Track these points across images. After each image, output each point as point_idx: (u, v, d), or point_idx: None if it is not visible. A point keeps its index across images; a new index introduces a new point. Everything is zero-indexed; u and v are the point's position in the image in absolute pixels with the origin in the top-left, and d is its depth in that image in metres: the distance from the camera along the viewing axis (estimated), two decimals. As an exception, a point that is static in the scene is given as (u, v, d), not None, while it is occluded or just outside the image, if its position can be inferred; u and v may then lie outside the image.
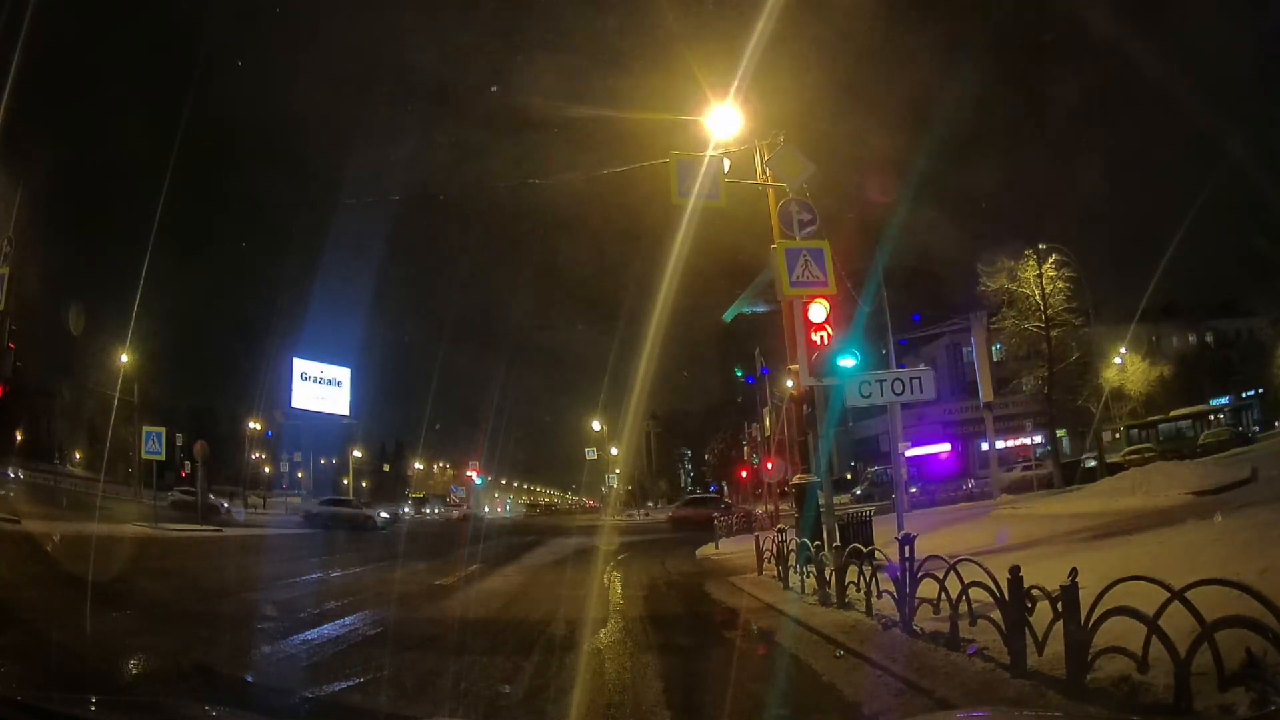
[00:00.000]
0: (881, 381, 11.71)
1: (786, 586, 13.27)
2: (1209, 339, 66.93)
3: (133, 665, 7.97)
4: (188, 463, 65.21)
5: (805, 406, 15.99)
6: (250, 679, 7.72)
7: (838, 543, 13.73)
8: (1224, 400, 60.98)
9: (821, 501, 15.56)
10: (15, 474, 48.32)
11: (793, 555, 14.03)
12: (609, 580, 17.00)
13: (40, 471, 53.08)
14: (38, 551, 16.13)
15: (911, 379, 11.73)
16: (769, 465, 49.28)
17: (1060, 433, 63.38)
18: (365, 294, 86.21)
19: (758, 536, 17.00)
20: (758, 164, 17.13)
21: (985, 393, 34.11)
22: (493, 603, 13.19)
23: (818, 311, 14.88)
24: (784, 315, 16.59)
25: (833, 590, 10.93)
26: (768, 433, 36.01)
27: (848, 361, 14.33)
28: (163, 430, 32.31)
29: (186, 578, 15.84)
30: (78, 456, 65.42)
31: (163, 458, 32.83)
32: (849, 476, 68.63)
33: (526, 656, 8.63)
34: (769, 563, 15.68)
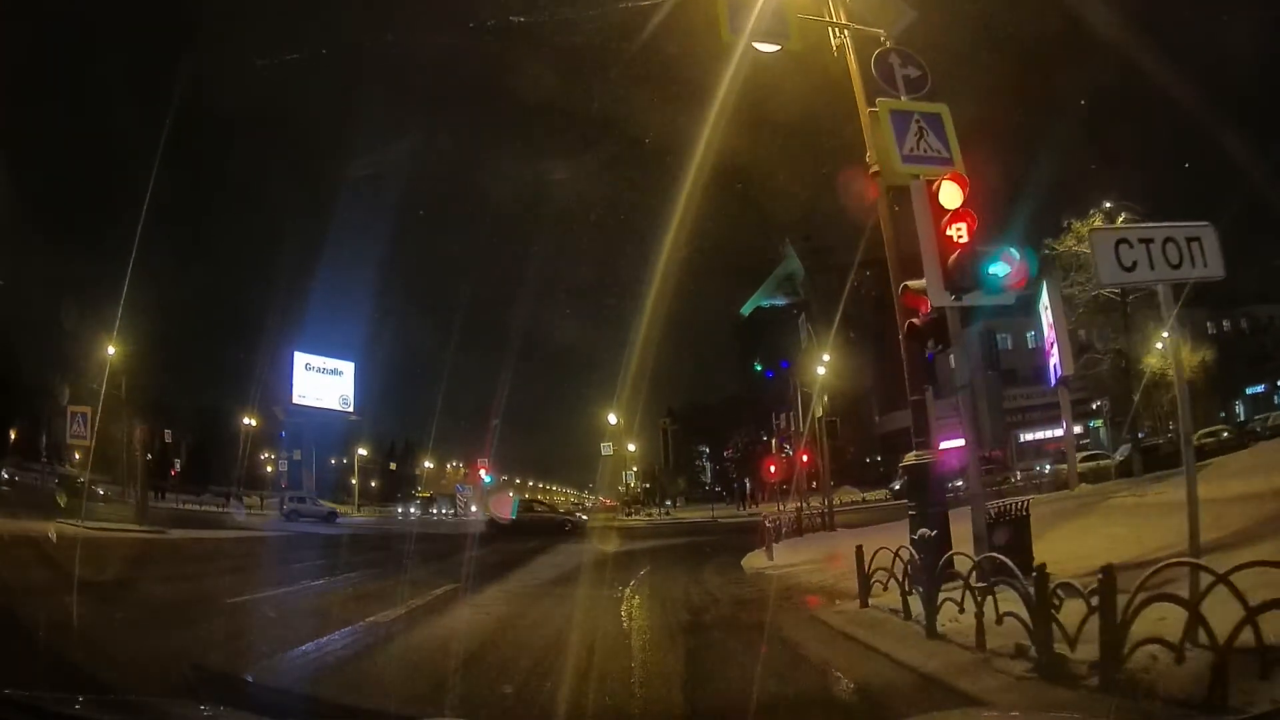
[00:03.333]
0: (1148, 242, 6.06)
1: (933, 633, 7.60)
2: (1244, 325, 62.33)
3: None
4: (177, 460, 60.43)
5: (931, 342, 10.50)
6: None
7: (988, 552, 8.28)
8: (1259, 388, 57.06)
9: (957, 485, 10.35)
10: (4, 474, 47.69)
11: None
12: (628, 614, 11.22)
13: (31, 471, 50.65)
14: None
15: (1189, 240, 6.09)
16: (804, 458, 44.08)
17: (1097, 423, 58.93)
18: (371, 287, 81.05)
19: (859, 548, 10.94)
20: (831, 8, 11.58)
21: (1066, 365, 28.28)
22: (444, 662, 7.69)
23: (951, 194, 9.48)
24: (881, 218, 11.11)
25: (1073, 649, 5.39)
26: (819, 414, 30.05)
27: (1003, 268, 9.06)
28: (88, 410, 27.13)
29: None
30: (76, 456, 60.42)
31: (88, 443, 27.56)
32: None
33: None
34: (882, 585, 9.92)
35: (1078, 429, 59.61)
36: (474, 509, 68.89)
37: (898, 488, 48.72)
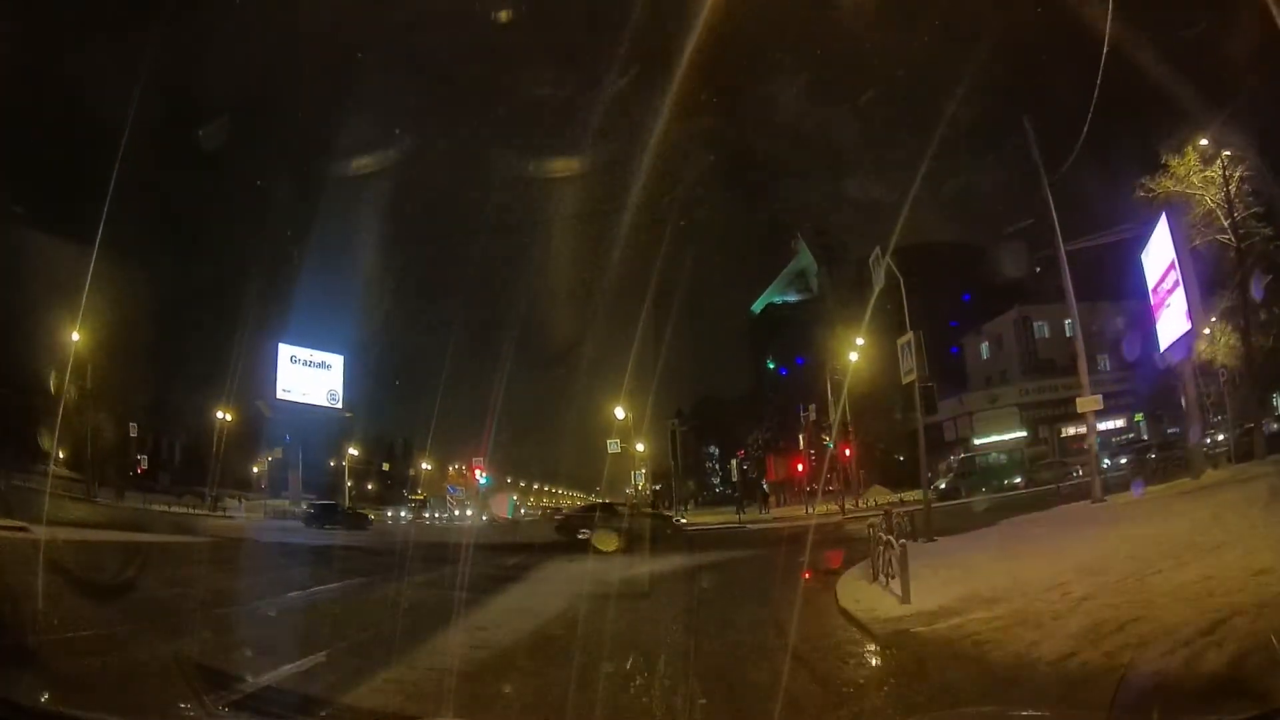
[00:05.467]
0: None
1: None
2: (1280, 313, 55.79)
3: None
4: (142, 456, 54.21)
5: None
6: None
7: None
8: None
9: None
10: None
11: None
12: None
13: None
14: None
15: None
16: (846, 452, 38.78)
17: (1137, 417, 53.46)
18: (363, 277, 74.65)
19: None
20: None
21: (1198, 320, 21.31)
22: None
23: None
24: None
25: None
26: (911, 375, 22.39)
27: None
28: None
29: None
30: (61, 455, 54.70)
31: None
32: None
33: None
34: None
35: (1119, 422, 53.84)
36: (469, 512, 62.42)
37: (944, 486, 42.20)
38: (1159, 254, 22.95)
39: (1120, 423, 53.63)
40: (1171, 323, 22.43)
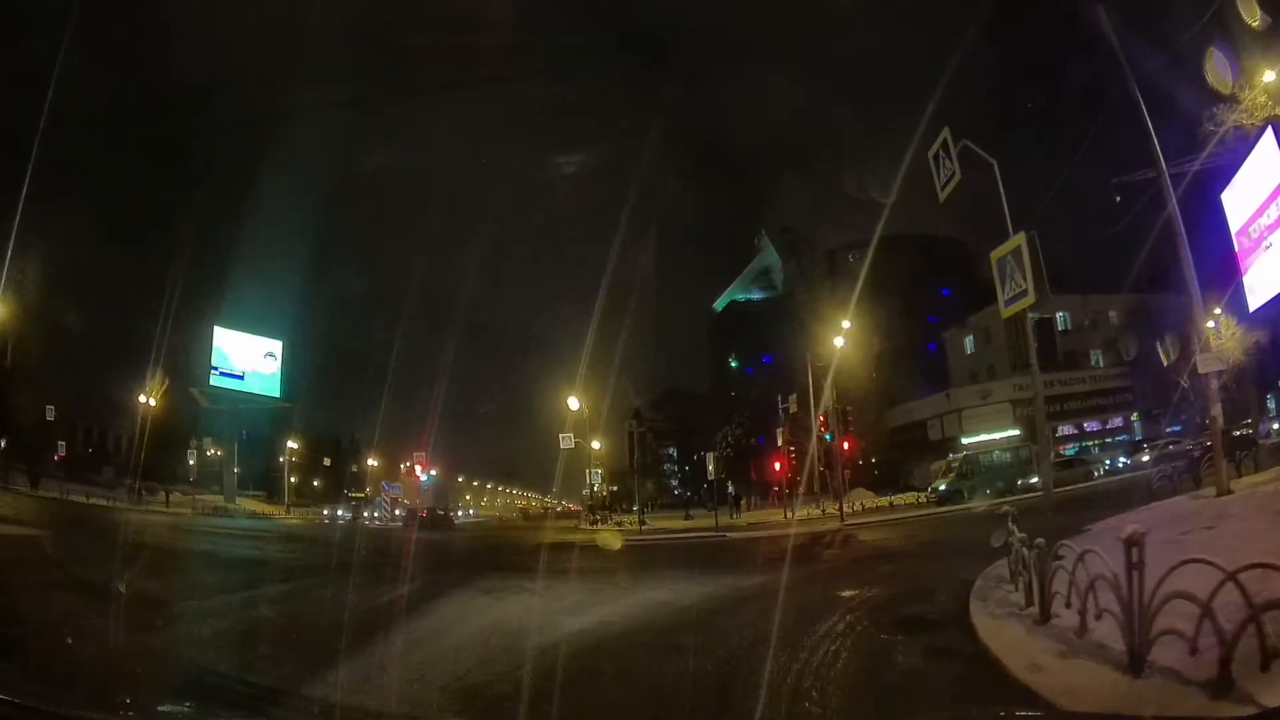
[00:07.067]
0: None
1: None
2: (1278, 308, 52.98)
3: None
4: (62, 444, 48.91)
5: None
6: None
7: None
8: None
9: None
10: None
11: None
12: None
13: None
14: None
15: None
16: (846, 445, 34.65)
17: (1134, 416, 50.47)
18: (310, 264, 69.38)
19: None
20: None
21: None
22: None
23: None
24: None
25: None
26: (1024, 300, 16.78)
27: None
28: None
29: None
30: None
31: None
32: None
33: None
34: None
35: (1117, 421, 50.90)
36: (399, 511, 57.03)
37: (944, 489, 38.17)
38: (1254, 183, 18.06)
39: (1119, 421, 51.03)
40: (1273, 269, 17.81)
